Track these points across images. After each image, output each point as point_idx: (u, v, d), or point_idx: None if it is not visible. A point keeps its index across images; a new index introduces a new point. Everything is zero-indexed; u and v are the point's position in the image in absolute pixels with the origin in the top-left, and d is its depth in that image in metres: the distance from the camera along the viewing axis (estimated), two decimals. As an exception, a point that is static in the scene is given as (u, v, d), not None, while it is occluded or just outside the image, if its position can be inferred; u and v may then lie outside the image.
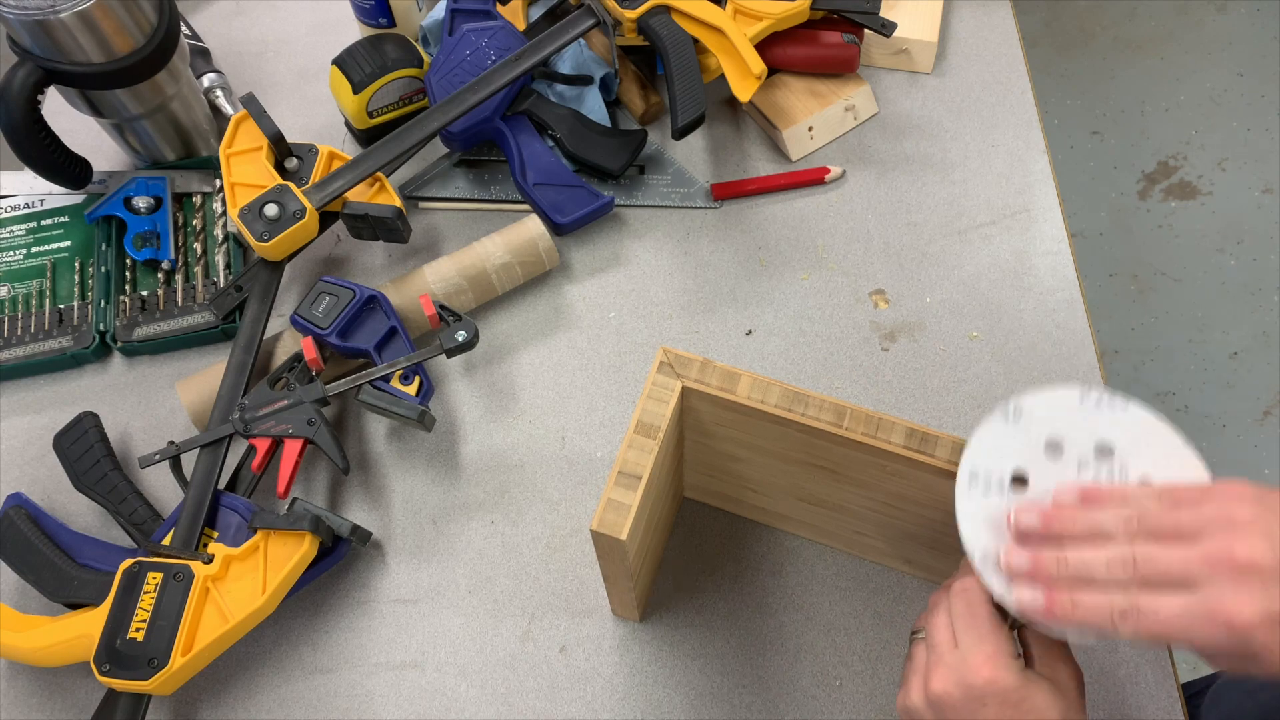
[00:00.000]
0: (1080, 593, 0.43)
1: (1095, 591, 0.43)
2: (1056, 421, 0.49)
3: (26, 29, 0.68)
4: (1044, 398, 0.50)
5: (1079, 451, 0.48)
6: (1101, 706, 0.62)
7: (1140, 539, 0.43)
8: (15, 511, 0.65)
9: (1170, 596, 0.41)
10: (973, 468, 0.49)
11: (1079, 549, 0.44)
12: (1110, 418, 0.49)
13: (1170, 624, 0.41)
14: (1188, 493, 0.43)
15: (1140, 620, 0.41)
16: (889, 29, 0.82)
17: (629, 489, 0.51)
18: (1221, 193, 1.90)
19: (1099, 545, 0.43)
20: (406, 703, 0.64)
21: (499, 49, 0.79)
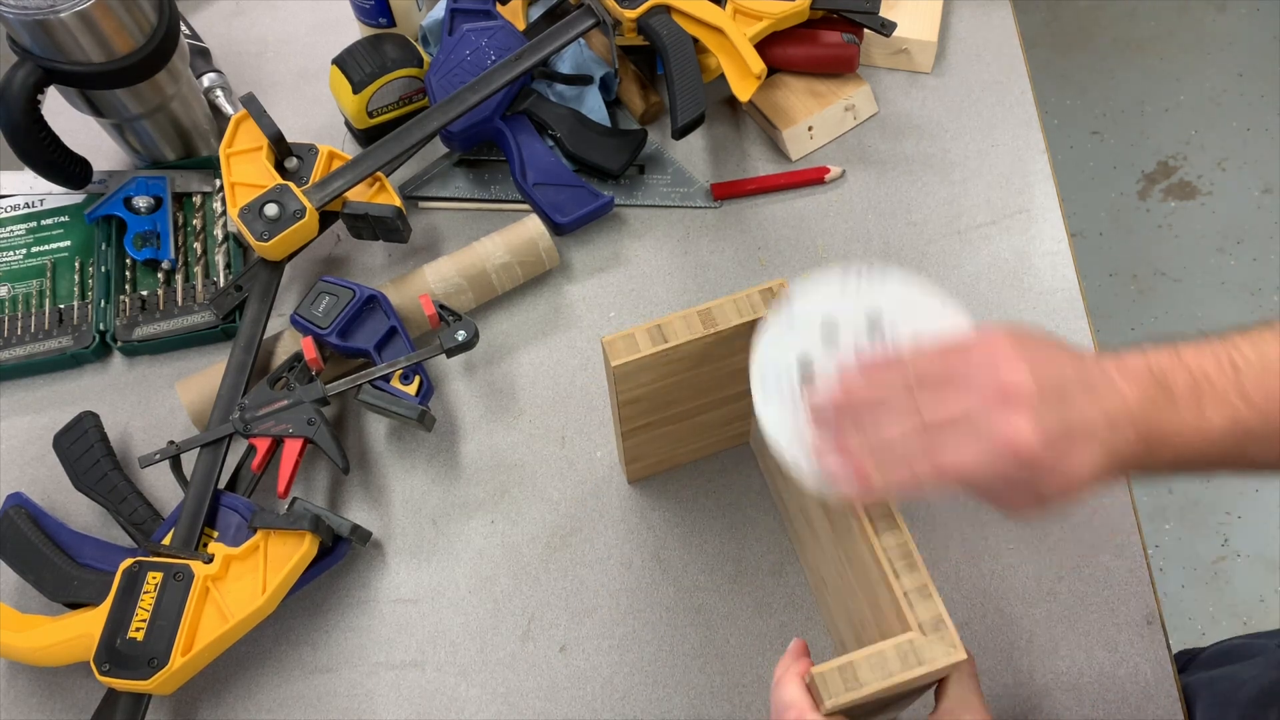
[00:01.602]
0: (884, 461, 0.46)
1: (895, 455, 0.46)
2: (827, 305, 0.52)
3: (26, 29, 0.68)
4: (810, 286, 0.53)
5: (853, 329, 0.52)
6: (1101, 706, 0.62)
7: (921, 392, 0.46)
8: (15, 511, 0.65)
9: (959, 441, 0.44)
10: (762, 373, 0.51)
11: (872, 417, 0.47)
12: (874, 289, 0.52)
13: (961, 460, 0.44)
14: (953, 343, 0.47)
15: (941, 470, 0.45)
16: (889, 29, 0.82)
17: (654, 340, 0.54)
18: (1221, 193, 1.90)
19: (887, 410, 0.46)
20: (406, 703, 0.64)
21: (499, 49, 0.79)
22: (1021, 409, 0.43)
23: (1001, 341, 0.46)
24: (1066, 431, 0.43)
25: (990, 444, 0.43)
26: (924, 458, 0.45)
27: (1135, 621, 0.65)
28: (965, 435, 0.44)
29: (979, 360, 0.45)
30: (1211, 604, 1.51)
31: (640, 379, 0.57)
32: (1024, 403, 0.43)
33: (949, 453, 0.44)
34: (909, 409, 0.46)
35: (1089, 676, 0.63)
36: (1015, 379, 0.44)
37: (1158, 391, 0.45)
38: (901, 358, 0.48)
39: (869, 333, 0.51)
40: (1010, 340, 0.46)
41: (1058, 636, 0.64)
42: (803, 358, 0.51)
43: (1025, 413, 0.43)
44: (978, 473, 0.44)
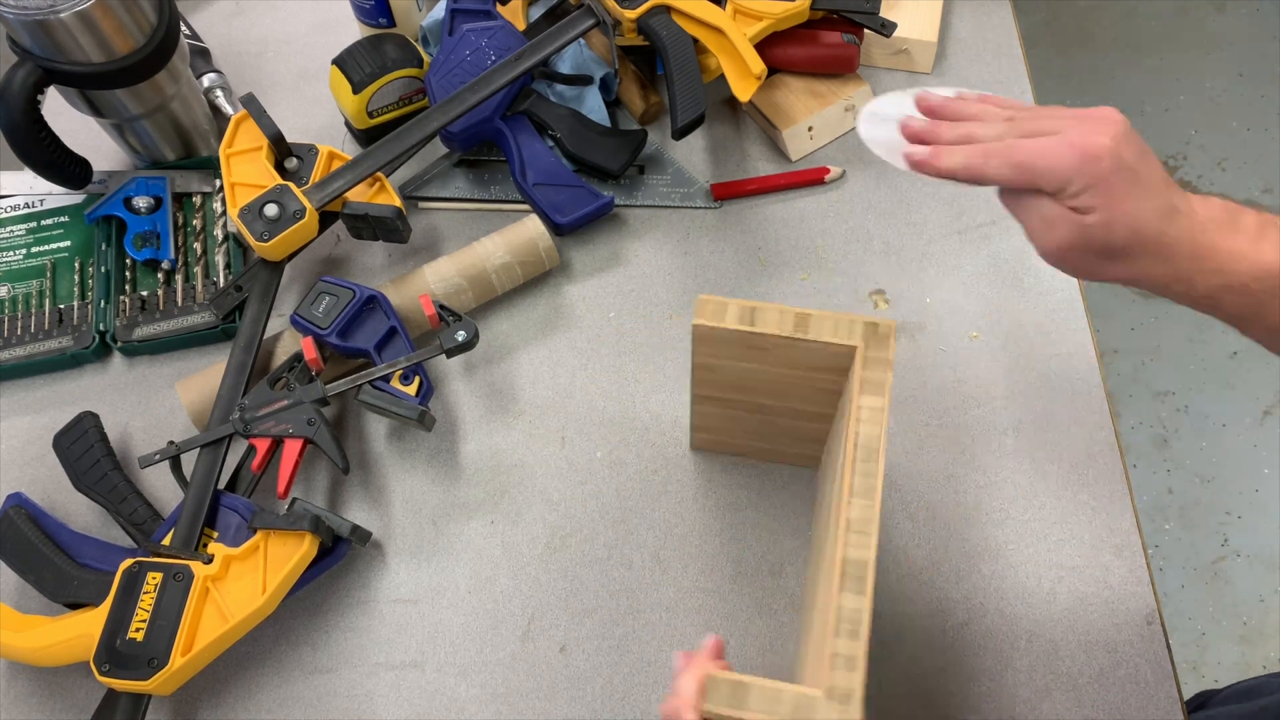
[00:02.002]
0: (965, 145, 0.52)
1: (973, 145, 0.52)
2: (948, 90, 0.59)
3: (26, 29, 0.68)
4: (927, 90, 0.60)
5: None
6: (1101, 707, 0.62)
7: (1022, 117, 0.52)
8: (15, 511, 0.65)
9: (1038, 139, 0.50)
10: (870, 110, 0.59)
11: (970, 122, 0.54)
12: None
13: (1029, 153, 0.50)
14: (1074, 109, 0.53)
15: (1005, 155, 0.50)
16: (889, 29, 0.82)
17: (742, 319, 0.55)
18: (1221, 192, 1.90)
19: (986, 121, 0.53)
20: (406, 703, 0.64)
21: (499, 49, 0.79)
22: (1109, 128, 0.49)
23: (1110, 109, 0.51)
24: (1134, 170, 0.48)
25: (1066, 140, 0.49)
26: (1000, 147, 0.51)
27: (1135, 621, 0.65)
28: (1044, 138, 0.50)
29: (1089, 110, 0.51)
30: (1211, 604, 1.51)
31: (718, 350, 0.57)
32: (1114, 128, 0.49)
33: (1024, 145, 0.50)
34: (1002, 116, 0.53)
35: (1089, 676, 0.63)
36: (1114, 120, 0.50)
37: (1224, 217, 0.50)
38: (1010, 101, 0.55)
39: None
40: (1115, 111, 0.51)
41: (1058, 637, 0.64)
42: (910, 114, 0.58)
43: (1110, 131, 0.49)
44: (1041, 160, 0.49)
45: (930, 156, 0.53)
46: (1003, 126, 0.52)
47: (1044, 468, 0.70)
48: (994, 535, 0.68)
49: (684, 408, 0.73)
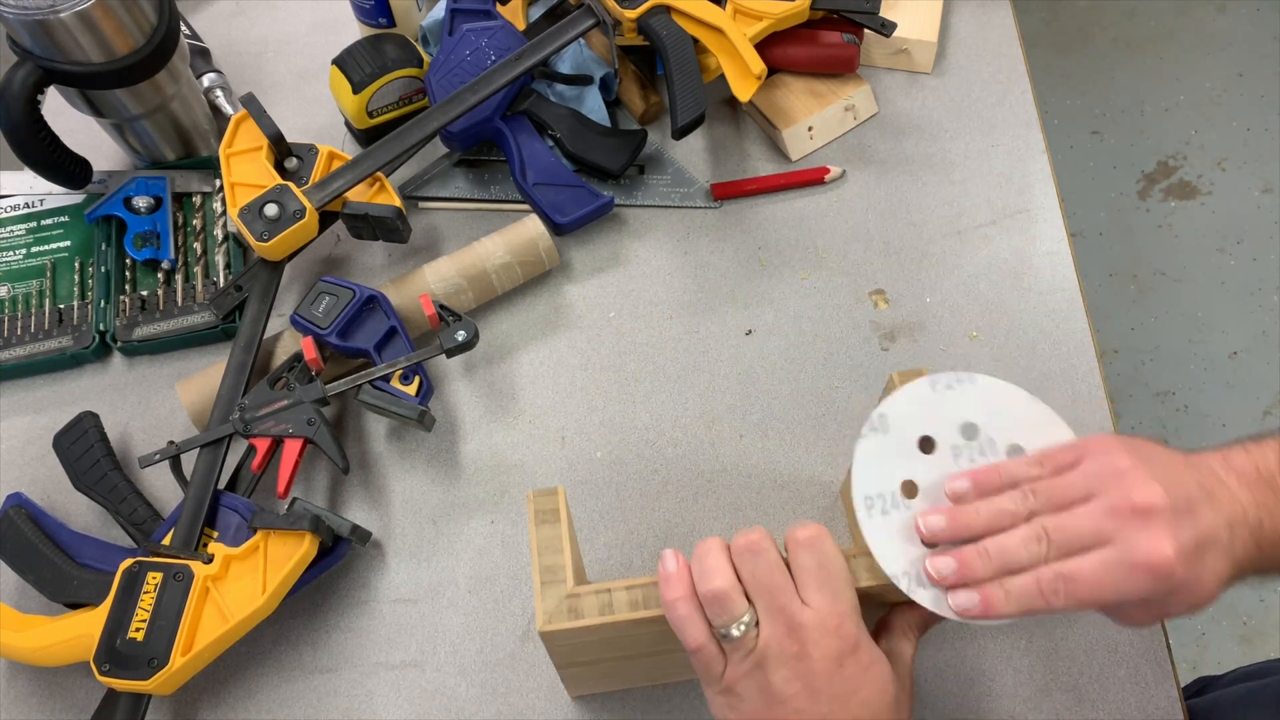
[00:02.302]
0: (1013, 588, 0.44)
1: (1025, 582, 0.44)
2: (919, 417, 0.51)
3: (26, 29, 0.68)
4: (900, 397, 0.52)
5: (949, 439, 0.50)
6: (1101, 707, 0.62)
7: (1042, 512, 0.45)
8: (15, 511, 0.65)
9: (1089, 557, 0.43)
10: (865, 494, 0.49)
11: (997, 544, 0.45)
12: (964, 396, 0.51)
13: (1098, 583, 0.43)
14: (1064, 454, 0.46)
15: (1071, 587, 0.43)
16: (889, 29, 0.82)
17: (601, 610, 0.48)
18: (1221, 193, 1.90)
19: (1011, 535, 0.45)
20: (406, 702, 0.64)
21: (499, 49, 0.79)
22: (1160, 526, 0.42)
23: (1118, 454, 0.45)
24: (1198, 545, 0.43)
25: (1129, 565, 0.42)
26: (1052, 578, 0.43)
27: (1135, 621, 0.65)
28: (1100, 558, 0.43)
29: (1099, 474, 0.44)
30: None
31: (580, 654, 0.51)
32: (1161, 520, 0.42)
33: (1085, 576, 0.43)
34: (1034, 530, 0.44)
35: (1089, 677, 0.63)
36: (1149, 495, 0.43)
37: (1268, 493, 0.45)
38: (1013, 473, 0.47)
39: (965, 441, 0.50)
40: (1126, 452, 0.45)
41: (1058, 637, 0.64)
42: (904, 475, 0.50)
43: (1164, 530, 0.42)
44: (1115, 595, 0.43)
45: (984, 608, 0.44)
46: (1034, 541, 0.44)
47: (1044, 468, 0.70)
48: (994, 535, 0.68)
49: (684, 407, 0.73)
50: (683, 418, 0.73)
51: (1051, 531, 0.44)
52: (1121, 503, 0.43)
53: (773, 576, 0.45)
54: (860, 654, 0.45)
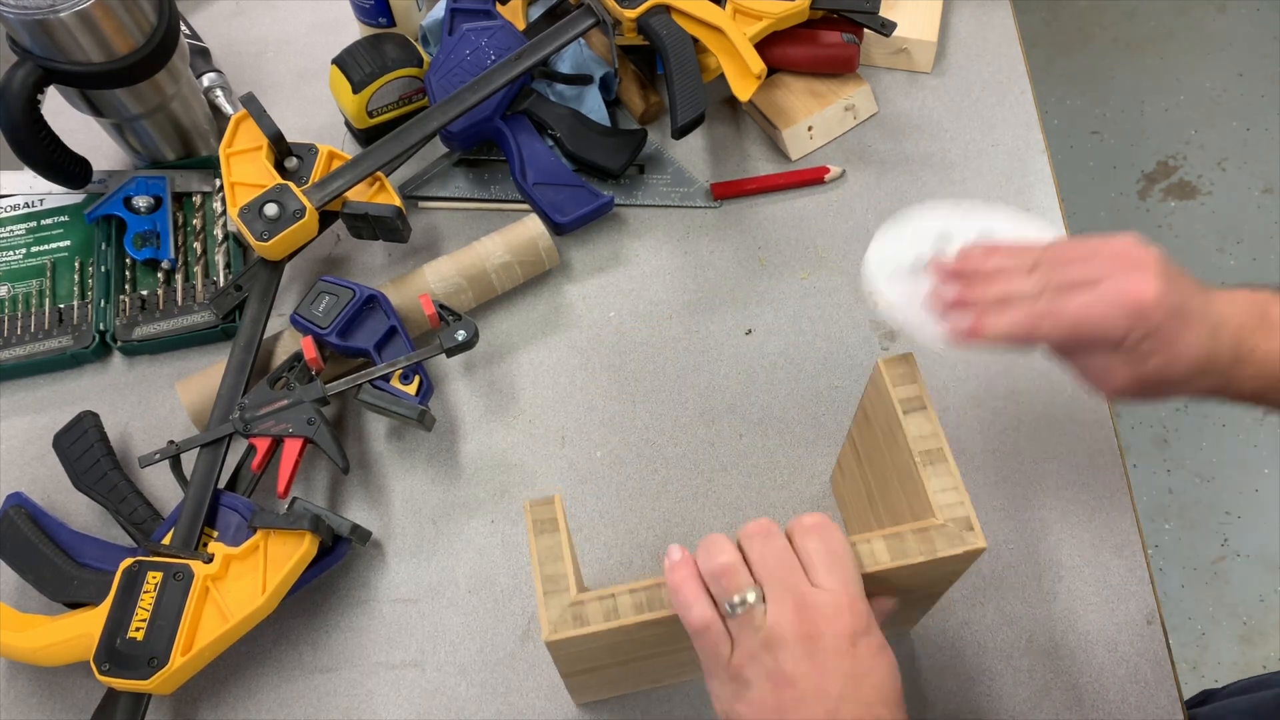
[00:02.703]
0: (1005, 309, 0.49)
1: (1017, 303, 0.49)
2: (941, 221, 0.55)
3: (26, 29, 0.68)
4: (923, 210, 0.56)
5: (966, 239, 0.54)
6: (1101, 707, 0.62)
7: (1049, 265, 0.50)
8: (15, 511, 0.65)
9: (1080, 291, 0.48)
10: (878, 262, 0.54)
11: (1002, 277, 0.50)
12: (985, 214, 0.55)
13: (1080, 313, 0.47)
14: (1082, 239, 0.51)
15: (1056, 317, 0.48)
16: (889, 29, 0.82)
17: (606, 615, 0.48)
18: (1221, 192, 1.90)
19: (1016, 277, 0.50)
20: (406, 702, 0.64)
21: (499, 49, 0.79)
22: (1149, 273, 0.47)
23: (1127, 238, 0.50)
24: (1182, 308, 0.47)
25: (1114, 295, 0.47)
26: (1045, 310, 0.48)
27: (1135, 621, 0.65)
28: (1089, 289, 0.47)
29: (1107, 245, 0.49)
30: (1211, 604, 1.51)
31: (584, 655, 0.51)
32: (1151, 270, 0.47)
33: (1072, 307, 0.47)
34: (1035, 273, 0.49)
35: (1089, 676, 0.63)
36: (1141, 253, 0.48)
37: (1256, 316, 0.49)
38: (1029, 247, 0.51)
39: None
40: (1133, 239, 0.50)
41: (1058, 636, 0.64)
42: (918, 258, 0.53)
43: (1152, 276, 0.47)
44: (1095, 320, 0.47)
45: (976, 326, 0.49)
46: (1035, 279, 0.49)
47: (1044, 467, 0.70)
48: (994, 534, 0.68)
49: (684, 407, 0.73)
50: (683, 417, 0.73)
51: (1051, 272, 0.49)
52: (1121, 250, 0.48)
53: (781, 557, 0.45)
54: (872, 636, 0.45)
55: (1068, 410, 0.72)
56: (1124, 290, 0.47)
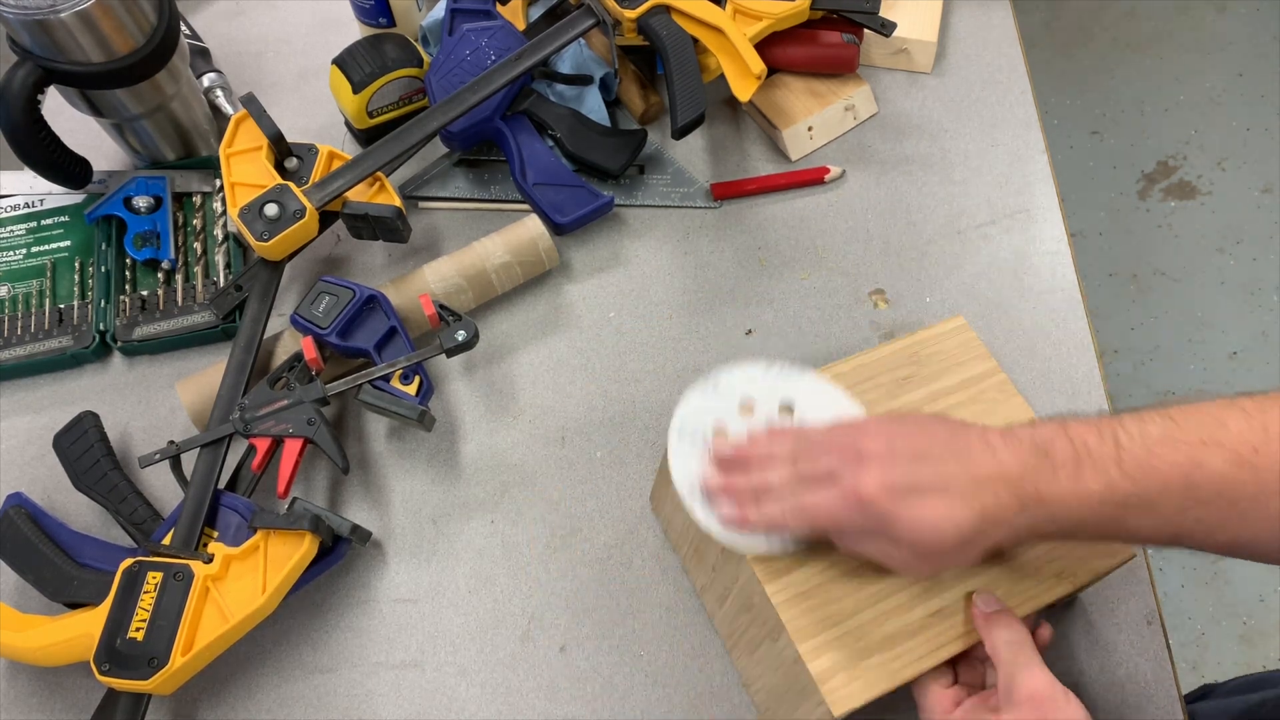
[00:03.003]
0: (763, 503, 0.53)
1: (773, 501, 0.53)
2: (748, 388, 0.60)
3: (26, 29, 0.68)
4: (737, 372, 0.60)
5: (767, 410, 0.59)
6: (1101, 707, 0.62)
7: (801, 455, 0.54)
8: (15, 511, 0.65)
9: (822, 491, 0.51)
10: (680, 424, 0.58)
11: (759, 467, 0.54)
12: (791, 383, 0.60)
13: (824, 510, 0.51)
14: (837, 423, 0.55)
15: (804, 513, 0.52)
16: (889, 29, 0.82)
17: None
18: (1221, 192, 1.90)
19: (774, 466, 0.54)
20: (406, 702, 0.64)
21: (499, 49, 0.79)
22: (869, 466, 0.50)
23: (873, 421, 0.55)
24: (913, 486, 0.49)
25: (841, 492, 0.50)
26: (792, 499, 0.52)
27: (1135, 621, 0.65)
28: (825, 485, 0.51)
29: (850, 433, 0.53)
30: (1211, 604, 1.51)
31: None
32: (873, 462, 0.50)
33: (810, 497, 0.52)
34: (789, 468, 0.53)
35: (1089, 676, 0.63)
36: (869, 445, 0.51)
37: (1037, 458, 0.48)
38: (802, 431, 0.56)
39: (779, 416, 0.59)
40: (882, 420, 0.54)
41: (1058, 636, 0.64)
42: (718, 422, 0.58)
43: (872, 469, 0.49)
44: (830, 513, 0.51)
45: (738, 519, 0.54)
46: (789, 473, 0.53)
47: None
48: (994, 535, 0.68)
49: (684, 407, 0.73)
50: (683, 418, 0.73)
51: (800, 469, 0.53)
52: (849, 449, 0.51)
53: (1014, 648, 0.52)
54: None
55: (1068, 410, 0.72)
56: (848, 486, 0.50)
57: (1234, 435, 0.47)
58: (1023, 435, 0.49)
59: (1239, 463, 0.46)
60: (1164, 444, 0.47)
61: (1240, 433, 0.47)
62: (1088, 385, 0.73)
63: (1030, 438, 0.49)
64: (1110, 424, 0.48)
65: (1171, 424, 0.48)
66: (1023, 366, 0.74)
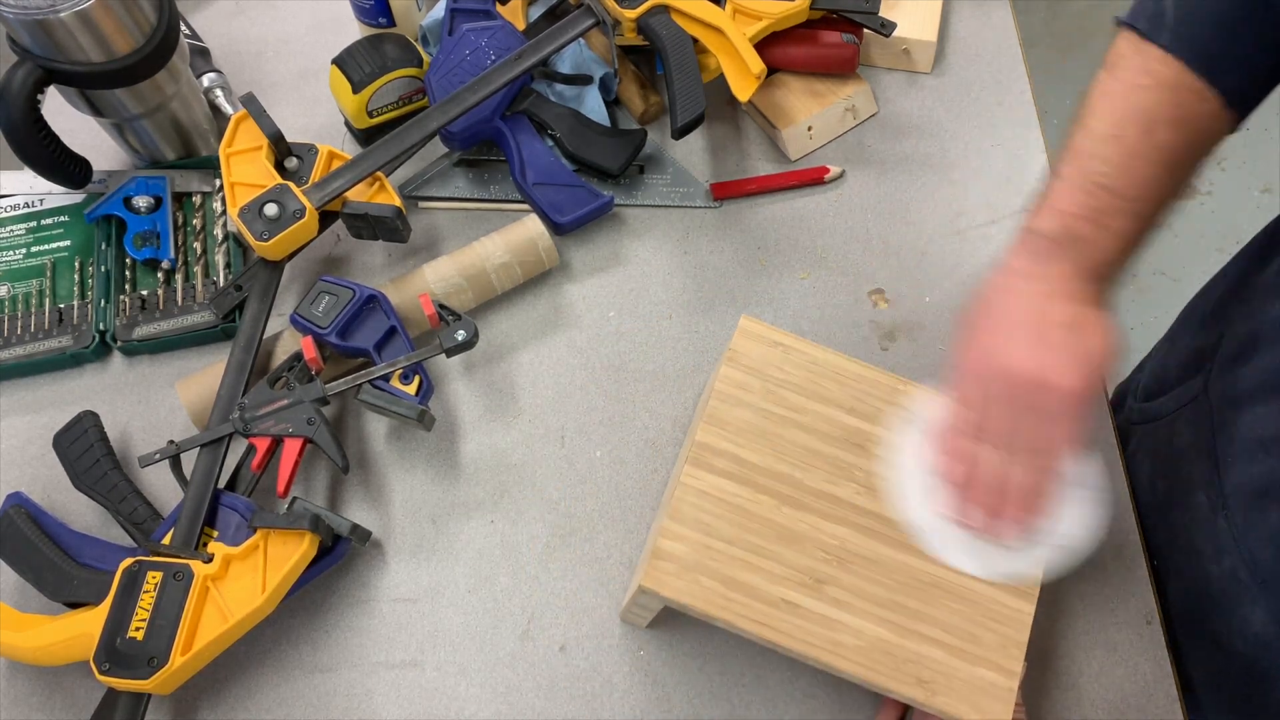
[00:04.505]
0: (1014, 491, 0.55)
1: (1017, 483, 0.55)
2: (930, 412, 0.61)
3: (26, 29, 0.68)
4: (919, 401, 0.62)
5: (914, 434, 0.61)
6: (1100, 706, 0.62)
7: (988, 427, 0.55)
8: (15, 511, 0.65)
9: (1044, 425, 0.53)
10: (902, 492, 0.60)
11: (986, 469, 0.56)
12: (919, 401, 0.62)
13: (1063, 437, 0.53)
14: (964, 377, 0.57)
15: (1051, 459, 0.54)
16: (888, 29, 0.82)
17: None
18: (1221, 193, 1.90)
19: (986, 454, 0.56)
20: (406, 702, 0.64)
21: (499, 49, 0.79)
22: (1047, 376, 0.51)
23: (974, 349, 0.55)
24: (1069, 343, 0.52)
25: (1060, 412, 0.52)
26: (1042, 457, 0.53)
27: (1135, 621, 0.65)
28: (1044, 424, 0.52)
29: (984, 379, 0.54)
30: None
31: None
32: (1043, 371, 0.51)
33: (1049, 441, 0.53)
34: (995, 452, 0.54)
35: (1089, 676, 0.63)
36: (1019, 365, 0.52)
37: (1076, 250, 0.54)
38: (951, 428, 0.57)
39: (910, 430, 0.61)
40: (978, 341, 0.55)
41: (1058, 636, 0.64)
42: (926, 462, 0.59)
43: (1052, 376, 0.51)
44: (1074, 429, 0.52)
45: (1005, 527, 0.56)
46: (1001, 455, 0.55)
47: (1044, 467, 0.70)
48: (994, 535, 0.68)
49: (683, 406, 0.73)
50: (683, 417, 0.73)
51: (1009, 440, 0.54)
52: (1016, 385, 0.52)
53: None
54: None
55: (1067, 410, 0.72)
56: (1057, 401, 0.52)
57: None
58: (1046, 246, 0.54)
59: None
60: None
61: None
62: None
63: (1053, 241, 0.54)
64: (1078, 172, 0.55)
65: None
66: (1022, 366, 0.74)
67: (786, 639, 0.55)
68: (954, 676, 0.56)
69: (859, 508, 0.59)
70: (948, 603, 0.57)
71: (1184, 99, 0.53)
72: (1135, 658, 0.64)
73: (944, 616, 0.57)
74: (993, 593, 0.57)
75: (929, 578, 0.58)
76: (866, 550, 0.58)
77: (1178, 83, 0.53)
